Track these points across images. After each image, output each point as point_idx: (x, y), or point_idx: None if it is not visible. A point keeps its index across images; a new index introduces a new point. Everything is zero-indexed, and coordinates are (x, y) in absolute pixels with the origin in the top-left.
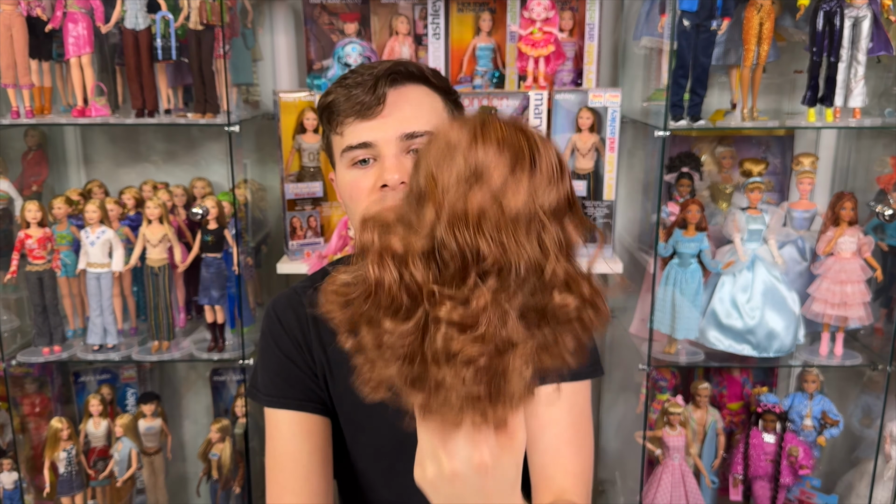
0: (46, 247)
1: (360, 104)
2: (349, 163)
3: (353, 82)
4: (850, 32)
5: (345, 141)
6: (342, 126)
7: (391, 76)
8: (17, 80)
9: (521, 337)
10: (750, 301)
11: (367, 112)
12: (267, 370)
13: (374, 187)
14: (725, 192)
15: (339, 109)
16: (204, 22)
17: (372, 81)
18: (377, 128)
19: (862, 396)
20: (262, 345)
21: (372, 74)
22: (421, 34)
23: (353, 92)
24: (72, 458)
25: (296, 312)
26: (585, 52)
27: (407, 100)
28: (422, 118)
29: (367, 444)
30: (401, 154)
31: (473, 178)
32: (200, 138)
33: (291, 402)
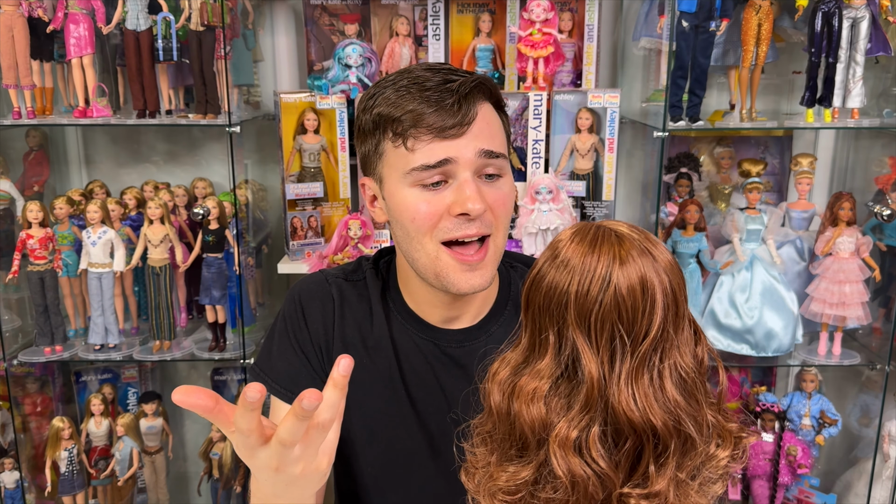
0: (48, 247)
1: (443, 124)
2: (416, 182)
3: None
4: (849, 33)
5: (416, 159)
6: (415, 141)
7: (476, 95)
8: (19, 80)
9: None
10: (748, 301)
11: (450, 132)
12: (279, 357)
13: (449, 213)
14: (724, 192)
15: (412, 123)
16: (205, 23)
17: (456, 99)
18: (460, 148)
19: (860, 396)
20: (280, 329)
21: (454, 91)
22: (421, 35)
23: (430, 109)
24: (73, 457)
25: (322, 304)
26: (584, 53)
27: (485, 118)
28: (496, 138)
29: (376, 455)
30: (476, 178)
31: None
32: (201, 139)
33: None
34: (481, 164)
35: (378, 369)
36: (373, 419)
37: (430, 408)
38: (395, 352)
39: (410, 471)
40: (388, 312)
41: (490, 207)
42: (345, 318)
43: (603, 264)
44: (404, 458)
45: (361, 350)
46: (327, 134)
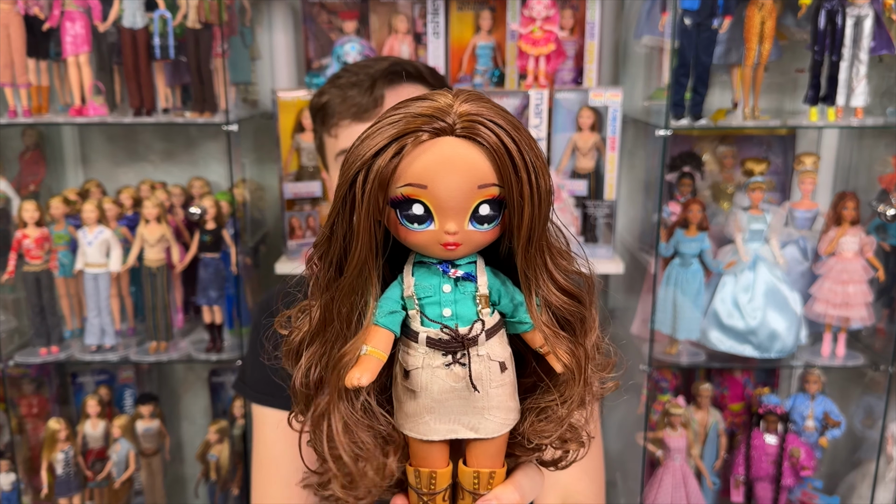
0: (44, 247)
1: (357, 106)
2: None
3: (348, 82)
4: (852, 31)
5: (339, 144)
6: (337, 128)
7: (389, 76)
8: (15, 79)
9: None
10: (752, 301)
11: (363, 114)
12: (256, 365)
13: None
14: (727, 191)
15: (333, 111)
16: (202, 20)
17: (369, 82)
18: None
19: (864, 397)
20: (254, 338)
21: (368, 74)
22: (420, 32)
23: (348, 93)
24: (69, 459)
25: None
26: (586, 50)
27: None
28: None
29: None
30: None
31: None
32: (198, 137)
33: (278, 401)
34: None
35: None
36: None
37: None
38: None
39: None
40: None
41: None
42: None
43: None
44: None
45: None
46: None
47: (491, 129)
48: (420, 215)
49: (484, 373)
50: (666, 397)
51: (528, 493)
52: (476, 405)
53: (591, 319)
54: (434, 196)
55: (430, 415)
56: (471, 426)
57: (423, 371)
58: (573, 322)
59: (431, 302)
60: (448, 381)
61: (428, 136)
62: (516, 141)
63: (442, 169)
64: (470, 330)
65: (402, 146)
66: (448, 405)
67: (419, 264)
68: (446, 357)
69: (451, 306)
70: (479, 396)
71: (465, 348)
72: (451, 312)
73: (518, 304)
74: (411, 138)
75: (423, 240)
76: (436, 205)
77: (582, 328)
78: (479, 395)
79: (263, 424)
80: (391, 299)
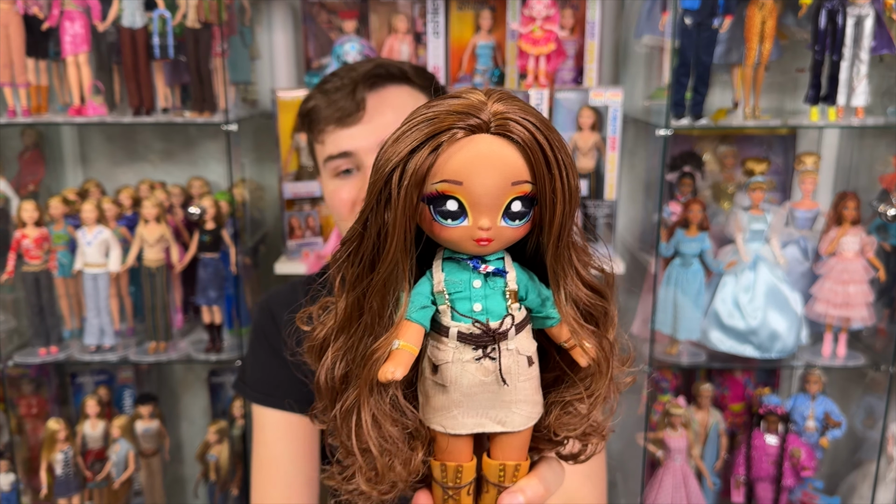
0: (43, 247)
1: (340, 110)
2: (332, 172)
3: (333, 87)
4: (853, 31)
5: (326, 150)
6: (323, 134)
7: (371, 79)
8: (14, 78)
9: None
10: (752, 301)
11: (346, 119)
12: (256, 366)
13: (357, 200)
14: (727, 191)
15: (319, 116)
16: (201, 20)
17: (351, 86)
18: (357, 135)
19: (864, 397)
20: (253, 338)
21: (351, 78)
22: (420, 32)
23: (332, 97)
24: (69, 459)
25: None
26: (586, 50)
27: (388, 103)
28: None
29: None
30: None
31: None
32: (198, 137)
33: (278, 401)
34: None
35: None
36: None
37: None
38: None
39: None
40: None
41: None
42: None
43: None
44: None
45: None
46: None
47: (525, 126)
48: (454, 211)
49: (513, 367)
50: (666, 397)
51: (552, 486)
52: (504, 399)
53: (613, 314)
54: (469, 192)
55: (459, 409)
56: (498, 420)
57: (453, 365)
58: (596, 316)
59: (462, 297)
60: (478, 376)
61: (463, 134)
62: (549, 139)
63: (478, 166)
64: (500, 324)
65: (438, 143)
66: (476, 399)
67: (448, 260)
68: (476, 351)
69: (481, 301)
70: (508, 390)
71: (496, 342)
72: (481, 307)
73: (545, 298)
74: (447, 136)
75: (457, 235)
76: (470, 201)
77: (605, 322)
78: (507, 389)
79: (263, 425)
80: (422, 294)
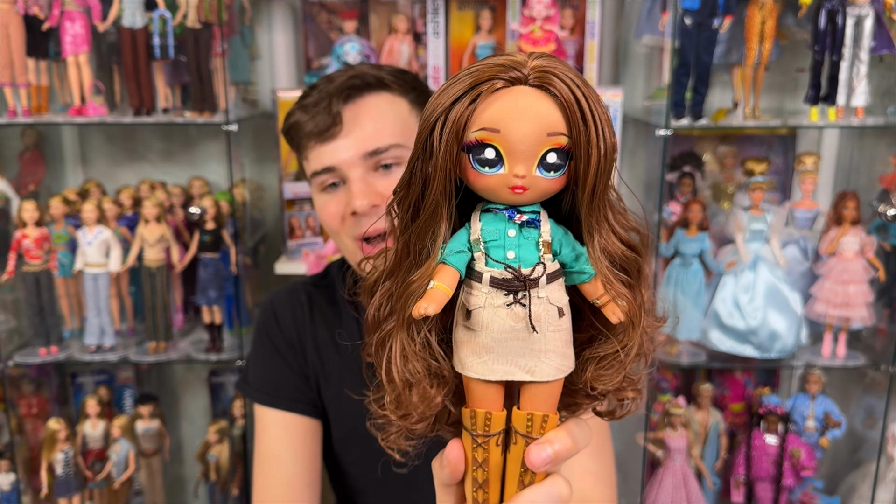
0: (43, 247)
1: (317, 126)
2: (319, 188)
3: (311, 101)
4: (853, 31)
5: (310, 166)
6: (305, 150)
7: (345, 92)
8: (14, 78)
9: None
10: (752, 301)
11: (325, 134)
12: (258, 366)
13: (346, 214)
14: (727, 191)
15: (301, 133)
16: (202, 20)
17: (326, 100)
18: (338, 149)
19: (864, 397)
20: (256, 338)
21: (327, 92)
22: (420, 32)
23: (311, 112)
24: (69, 459)
25: (293, 310)
26: (586, 50)
27: (366, 114)
28: (385, 131)
29: (357, 452)
30: (367, 175)
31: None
32: (198, 137)
33: (280, 401)
34: (373, 162)
35: (350, 369)
36: (350, 418)
37: None
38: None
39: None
40: (359, 312)
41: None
42: (315, 321)
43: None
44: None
45: (332, 351)
46: None
47: (564, 80)
48: (491, 159)
49: (543, 315)
50: (666, 397)
51: (580, 442)
52: (534, 347)
53: (647, 272)
54: (506, 140)
55: (489, 354)
56: (527, 369)
57: (485, 310)
58: (630, 272)
59: (496, 245)
60: (508, 321)
61: (503, 85)
62: (586, 95)
63: (515, 115)
64: (532, 271)
65: (478, 93)
66: (507, 346)
67: (486, 212)
68: (508, 297)
69: (514, 249)
70: (537, 338)
71: (527, 289)
72: (514, 255)
73: (579, 253)
74: (487, 86)
75: (493, 183)
76: (507, 149)
77: (638, 279)
78: (537, 337)
79: (266, 425)
80: (459, 241)
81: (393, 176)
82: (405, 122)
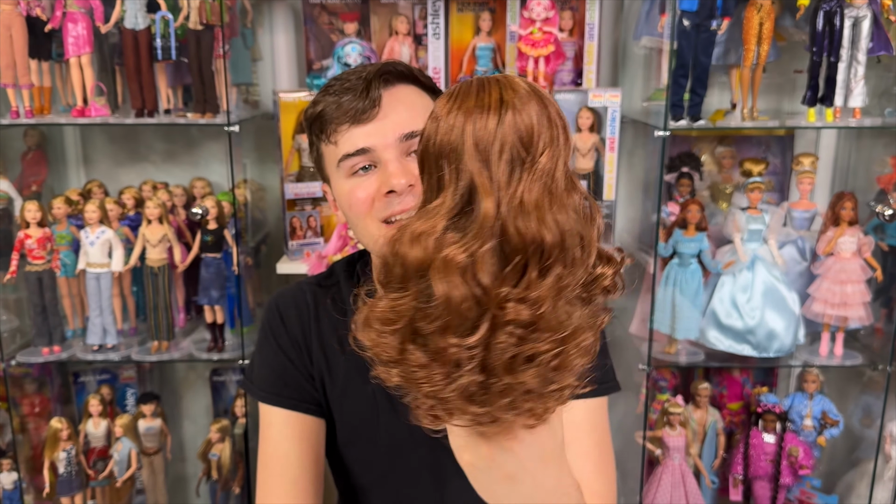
0: (46, 247)
1: (354, 109)
2: (348, 172)
3: (342, 88)
4: (850, 32)
5: (340, 150)
6: (336, 134)
7: (383, 77)
8: (17, 79)
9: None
10: (750, 301)
11: (361, 116)
12: (263, 365)
13: (379, 194)
14: (725, 191)
15: (330, 117)
16: (203, 22)
17: (363, 85)
18: (375, 132)
19: (862, 396)
20: (261, 337)
21: (361, 77)
22: (421, 34)
23: (343, 98)
24: (71, 458)
25: (298, 310)
26: (585, 51)
27: (401, 100)
28: (417, 117)
29: (361, 451)
30: (402, 157)
31: (521, 158)
32: (200, 138)
33: (285, 400)
34: (406, 146)
35: (356, 368)
36: (354, 417)
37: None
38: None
39: (394, 465)
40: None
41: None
42: (320, 321)
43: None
44: (387, 453)
45: (337, 349)
46: None
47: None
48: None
49: None
50: (665, 396)
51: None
52: None
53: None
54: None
55: None
56: None
57: None
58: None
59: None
60: None
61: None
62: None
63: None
64: None
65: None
66: None
67: None
68: None
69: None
70: None
71: None
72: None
73: None
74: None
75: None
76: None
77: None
78: None
79: (270, 423)
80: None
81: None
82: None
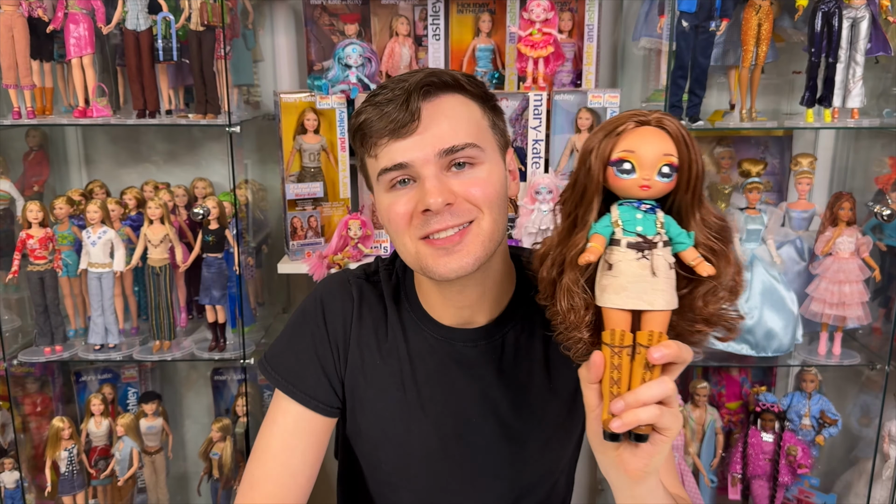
0: (48, 247)
1: (393, 122)
2: (387, 186)
3: (384, 98)
4: (849, 33)
5: (379, 164)
6: (376, 148)
7: (424, 88)
8: (19, 80)
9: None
10: (748, 301)
11: (401, 130)
12: (289, 352)
13: (416, 212)
14: (724, 192)
15: (371, 130)
16: (205, 23)
17: (404, 96)
18: (413, 147)
19: (860, 396)
20: (296, 322)
21: (403, 88)
22: (421, 35)
23: (385, 109)
24: (73, 457)
25: (342, 304)
26: (584, 52)
27: (443, 112)
28: (461, 131)
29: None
30: (441, 173)
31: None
32: (201, 139)
33: (300, 395)
34: (446, 161)
35: (391, 371)
36: (385, 420)
37: (443, 409)
38: (409, 353)
39: (421, 472)
40: (402, 313)
41: (463, 196)
42: (362, 319)
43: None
44: (416, 459)
45: (375, 352)
46: (327, 134)
47: (674, 123)
48: (628, 169)
49: (660, 266)
50: None
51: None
52: (653, 287)
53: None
54: (638, 157)
55: (625, 292)
56: (648, 301)
57: (623, 263)
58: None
59: (629, 223)
60: (637, 270)
61: (634, 125)
62: (687, 134)
63: (644, 142)
64: (653, 238)
65: (619, 130)
66: (637, 286)
67: (621, 205)
68: (638, 254)
69: (641, 225)
70: (656, 281)
71: (650, 248)
72: (641, 229)
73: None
74: (623, 126)
75: (629, 184)
76: (638, 163)
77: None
78: (656, 280)
79: (283, 410)
80: (604, 221)
81: (465, 175)
82: (479, 124)
